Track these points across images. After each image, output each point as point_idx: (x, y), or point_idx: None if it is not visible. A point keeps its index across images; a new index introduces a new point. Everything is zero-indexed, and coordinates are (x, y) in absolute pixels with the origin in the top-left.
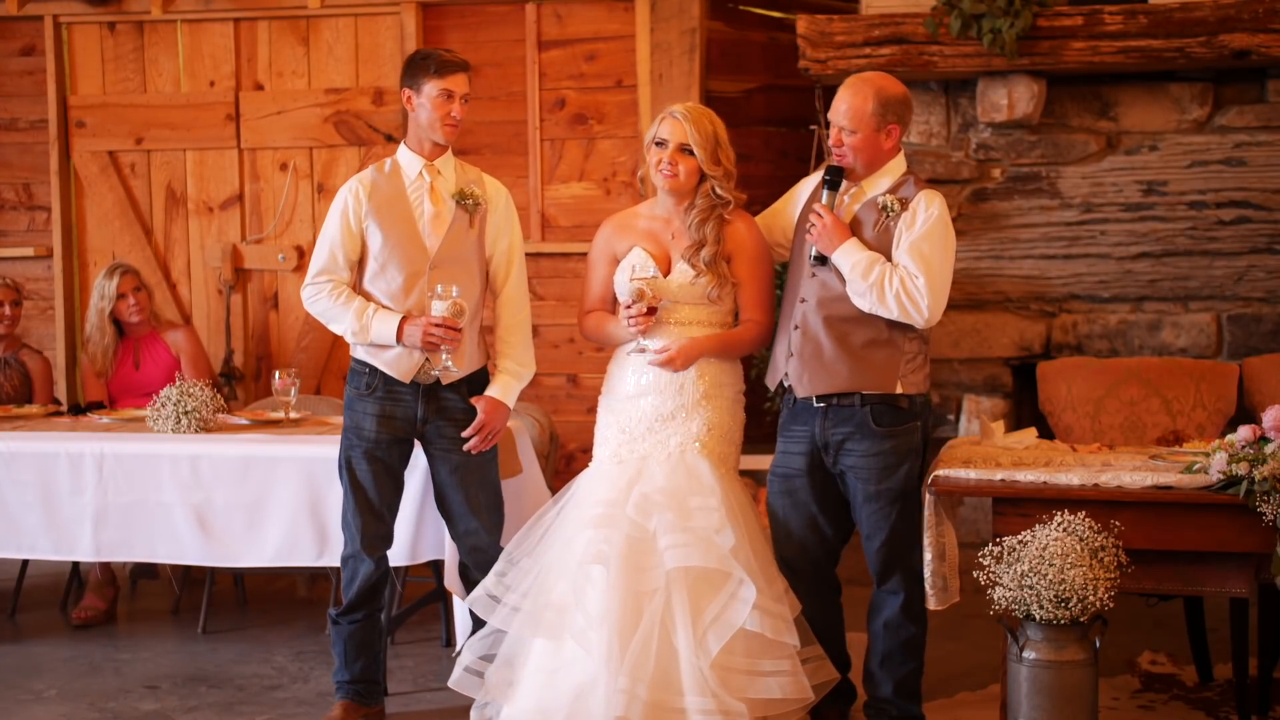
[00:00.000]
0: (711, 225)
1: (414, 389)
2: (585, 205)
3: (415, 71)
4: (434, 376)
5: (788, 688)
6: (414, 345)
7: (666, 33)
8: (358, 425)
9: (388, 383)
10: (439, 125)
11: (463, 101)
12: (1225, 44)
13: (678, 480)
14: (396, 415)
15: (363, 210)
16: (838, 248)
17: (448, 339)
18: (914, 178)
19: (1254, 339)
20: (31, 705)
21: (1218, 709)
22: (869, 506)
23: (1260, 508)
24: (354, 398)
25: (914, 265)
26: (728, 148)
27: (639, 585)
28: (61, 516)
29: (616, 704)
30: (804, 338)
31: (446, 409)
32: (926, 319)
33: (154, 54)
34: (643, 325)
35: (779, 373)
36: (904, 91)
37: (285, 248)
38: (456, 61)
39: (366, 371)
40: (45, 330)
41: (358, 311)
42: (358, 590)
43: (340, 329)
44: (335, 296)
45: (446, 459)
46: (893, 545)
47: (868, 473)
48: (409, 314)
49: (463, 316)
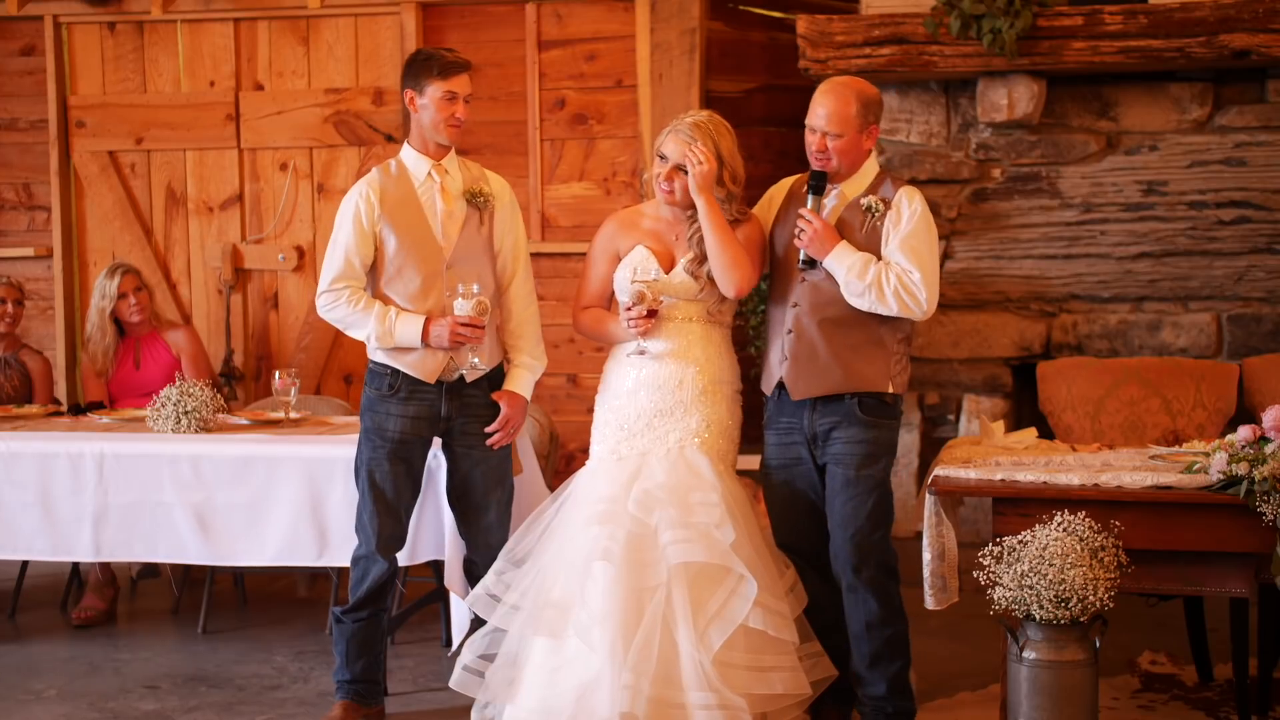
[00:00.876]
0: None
1: (438, 387)
2: (585, 205)
3: (418, 72)
4: (459, 374)
5: (788, 683)
6: (440, 346)
7: (666, 33)
8: (380, 427)
9: (411, 383)
10: (443, 126)
11: (465, 102)
12: (1225, 44)
13: (678, 476)
14: (422, 415)
15: (375, 214)
16: (830, 251)
17: (474, 337)
18: (889, 176)
19: (1254, 339)
20: (31, 705)
21: (1218, 709)
22: (846, 492)
23: (1260, 508)
24: (376, 399)
25: (907, 261)
26: (734, 164)
27: (641, 581)
28: (61, 517)
29: (622, 700)
30: (798, 341)
31: (470, 405)
32: (925, 311)
33: (154, 54)
34: (643, 327)
35: (773, 377)
36: (879, 92)
37: (285, 248)
38: (460, 62)
39: (389, 373)
40: (45, 330)
41: (379, 316)
42: (366, 590)
43: (361, 335)
44: (354, 303)
45: (469, 455)
46: (868, 534)
47: (850, 459)
48: (431, 315)
49: (487, 314)
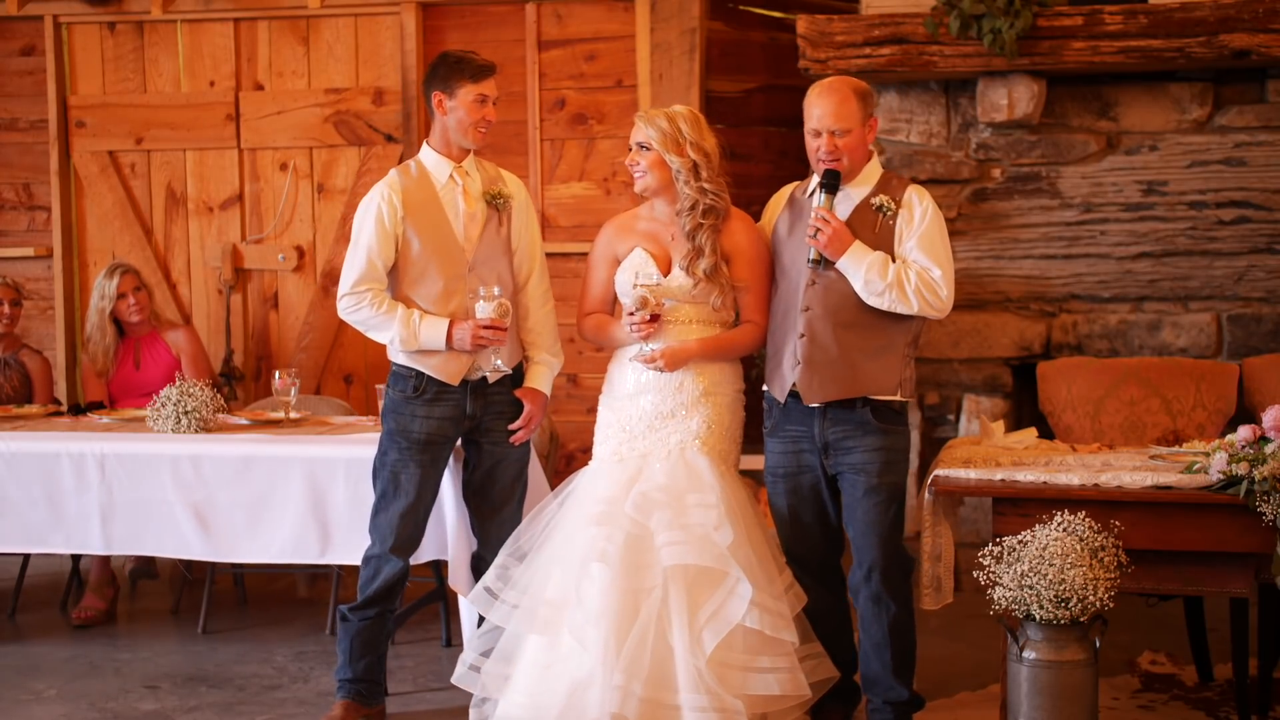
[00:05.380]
0: (705, 234)
1: (463, 388)
2: (585, 205)
3: (449, 75)
4: (482, 375)
5: (785, 684)
6: (463, 348)
7: (666, 33)
8: (405, 429)
9: (436, 385)
10: (472, 129)
11: (494, 105)
12: (1225, 44)
13: (677, 478)
14: (449, 416)
15: (399, 216)
16: (845, 251)
17: (497, 339)
18: (894, 175)
19: (1254, 339)
20: (31, 705)
21: (1218, 709)
22: (869, 500)
23: (1260, 508)
24: (400, 401)
25: (926, 259)
26: (701, 138)
27: (637, 583)
28: (69, 513)
29: (611, 700)
30: (813, 345)
31: (495, 404)
32: (945, 309)
33: (154, 54)
34: (646, 332)
35: (786, 382)
36: (868, 85)
37: (285, 248)
38: (490, 65)
39: (413, 376)
40: (45, 330)
41: (403, 319)
42: (377, 588)
43: (384, 337)
44: (377, 306)
45: (493, 452)
46: (894, 541)
47: (872, 466)
48: (454, 317)
49: (508, 316)
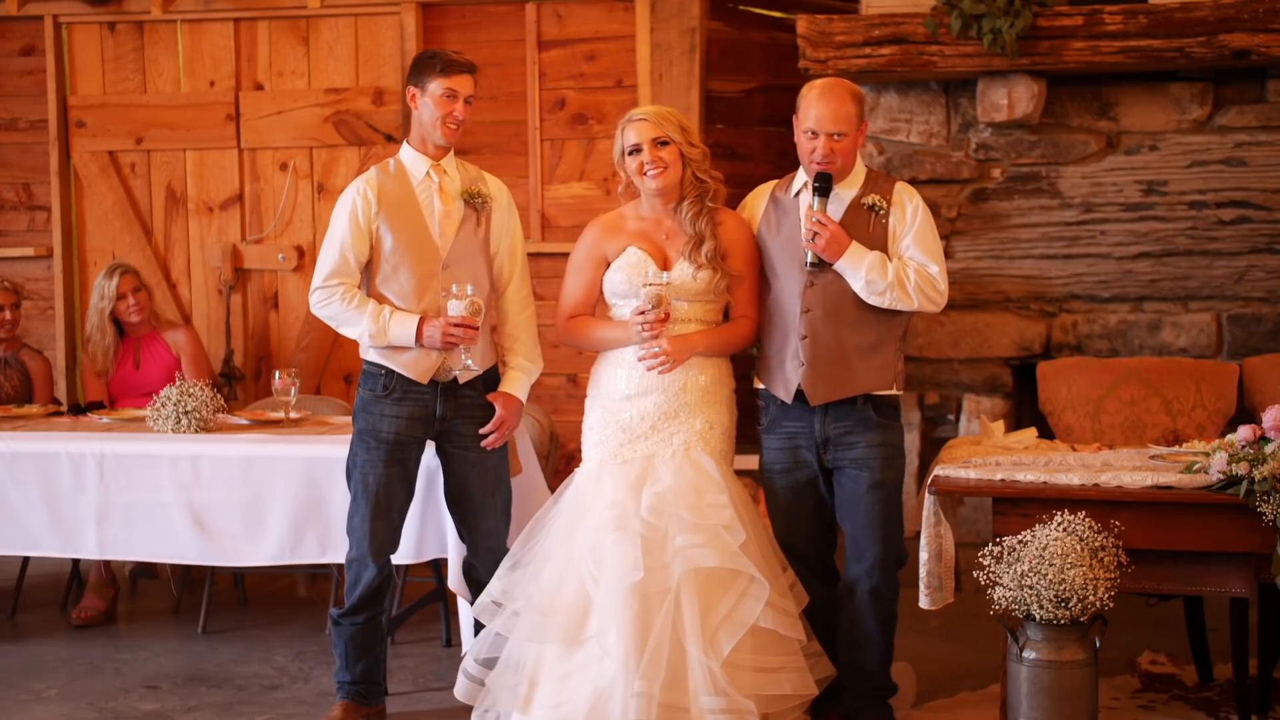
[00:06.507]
0: (705, 219)
1: (433, 388)
2: (585, 205)
3: (421, 69)
4: (453, 375)
5: (796, 683)
6: (433, 346)
7: (666, 33)
8: (374, 428)
9: (405, 383)
10: (439, 124)
11: (466, 103)
12: (1225, 44)
13: (686, 478)
14: (417, 415)
15: (373, 211)
16: (843, 252)
17: (467, 338)
18: (879, 174)
19: (1254, 339)
20: (31, 705)
21: (1218, 709)
22: (872, 495)
23: (1260, 508)
24: (370, 400)
25: (922, 255)
26: (694, 130)
27: (651, 587)
28: (66, 515)
29: (634, 708)
30: (815, 347)
31: (465, 407)
32: (943, 303)
33: (154, 54)
34: (658, 330)
35: (791, 383)
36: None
37: (285, 248)
38: (463, 62)
39: (383, 374)
40: (45, 330)
41: (373, 314)
42: (361, 594)
43: (354, 333)
44: (348, 300)
45: (465, 457)
46: (897, 536)
47: (875, 462)
48: (425, 315)
49: (480, 315)
